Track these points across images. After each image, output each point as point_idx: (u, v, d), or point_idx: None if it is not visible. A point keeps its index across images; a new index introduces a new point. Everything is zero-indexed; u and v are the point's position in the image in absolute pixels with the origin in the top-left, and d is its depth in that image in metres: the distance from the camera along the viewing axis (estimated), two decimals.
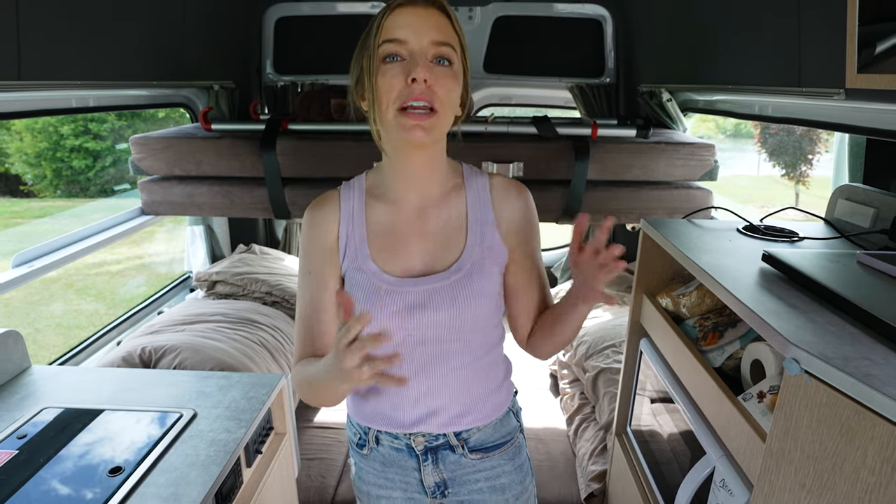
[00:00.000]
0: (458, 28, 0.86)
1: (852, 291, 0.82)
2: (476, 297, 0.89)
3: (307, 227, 0.95)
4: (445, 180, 0.94)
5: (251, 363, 1.77)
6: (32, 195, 8.05)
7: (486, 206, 0.94)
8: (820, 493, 0.69)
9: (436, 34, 0.82)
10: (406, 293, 0.89)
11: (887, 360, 0.67)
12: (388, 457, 1.01)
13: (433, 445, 0.98)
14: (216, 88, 2.21)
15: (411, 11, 0.82)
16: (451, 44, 0.83)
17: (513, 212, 0.95)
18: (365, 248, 0.91)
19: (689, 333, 1.16)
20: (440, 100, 0.81)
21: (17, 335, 1.36)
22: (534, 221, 0.98)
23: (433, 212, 0.93)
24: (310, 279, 0.94)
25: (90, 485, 1.00)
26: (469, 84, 0.91)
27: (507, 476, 1.04)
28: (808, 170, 8.88)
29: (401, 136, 0.83)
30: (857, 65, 1.05)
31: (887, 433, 0.60)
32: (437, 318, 0.89)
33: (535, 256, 0.98)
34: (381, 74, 0.82)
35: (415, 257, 0.91)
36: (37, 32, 1.25)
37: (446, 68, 0.83)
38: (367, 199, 0.95)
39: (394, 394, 0.96)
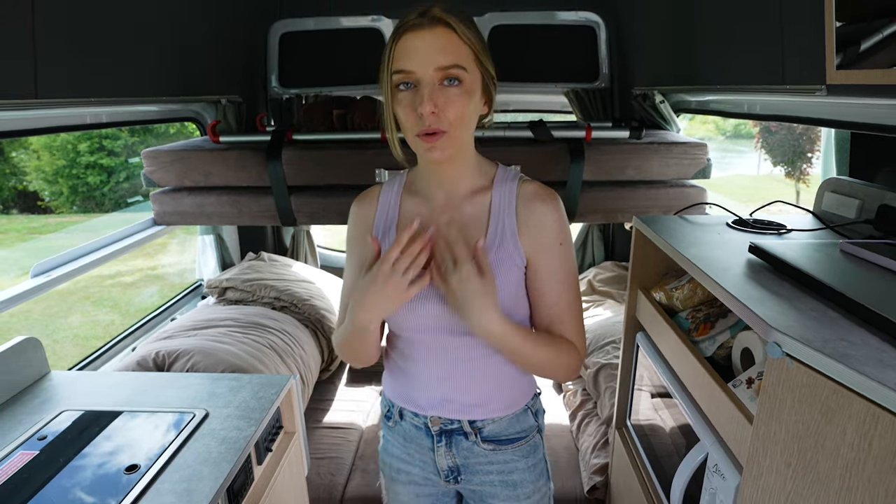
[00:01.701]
0: (469, 38, 0.86)
1: (833, 278, 0.84)
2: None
3: (350, 218, 1.06)
4: (473, 181, 0.97)
5: (261, 365, 1.80)
6: (50, 211, 8.17)
7: (510, 212, 0.93)
8: (804, 471, 0.71)
9: (441, 58, 0.83)
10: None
11: (864, 342, 0.69)
12: (409, 433, 1.07)
13: (448, 429, 1.02)
14: (224, 102, 2.25)
15: (416, 36, 0.83)
16: (459, 62, 0.84)
17: (534, 221, 0.93)
18: (393, 236, 0.98)
19: (682, 325, 1.18)
20: (449, 121, 0.85)
21: (36, 342, 1.39)
22: (556, 235, 0.93)
23: (457, 210, 0.96)
24: (351, 262, 1.04)
25: (107, 482, 1.02)
26: (492, 82, 0.92)
27: (519, 473, 1.04)
28: (807, 168, 8.84)
29: (421, 154, 0.92)
30: (841, 62, 1.06)
31: (864, 410, 0.62)
32: (448, 314, 0.93)
33: (551, 268, 0.94)
34: (397, 103, 0.87)
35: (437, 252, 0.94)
36: (52, 52, 1.29)
37: (456, 88, 0.85)
38: (404, 194, 1.02)
39: (414, 376, 1.01)
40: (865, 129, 1.16)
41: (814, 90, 1.13)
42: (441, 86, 0.84)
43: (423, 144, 0.87)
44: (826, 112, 1.29)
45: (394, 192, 1.02)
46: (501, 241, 0.92)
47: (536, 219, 0.92)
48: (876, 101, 1.12)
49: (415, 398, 1.03)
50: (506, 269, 0.92)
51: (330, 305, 2.51)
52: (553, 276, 0.94)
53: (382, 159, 1.85)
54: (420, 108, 0.83)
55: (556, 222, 0.93)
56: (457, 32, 0.84)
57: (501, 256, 0.92)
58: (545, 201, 0.93)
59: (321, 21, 2.47)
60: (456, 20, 0.85)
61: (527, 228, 0.92)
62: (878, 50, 0.98)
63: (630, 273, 1.40)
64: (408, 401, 1.04)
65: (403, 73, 0.84)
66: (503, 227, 0.93)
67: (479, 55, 0.87)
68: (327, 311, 2.45)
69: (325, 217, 1.94)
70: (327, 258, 3.22)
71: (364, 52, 2.50)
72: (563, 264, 0.94)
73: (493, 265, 0.90)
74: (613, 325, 2.20)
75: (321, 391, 2.38)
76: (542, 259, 0.93)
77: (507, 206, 0.94)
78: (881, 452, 0.60)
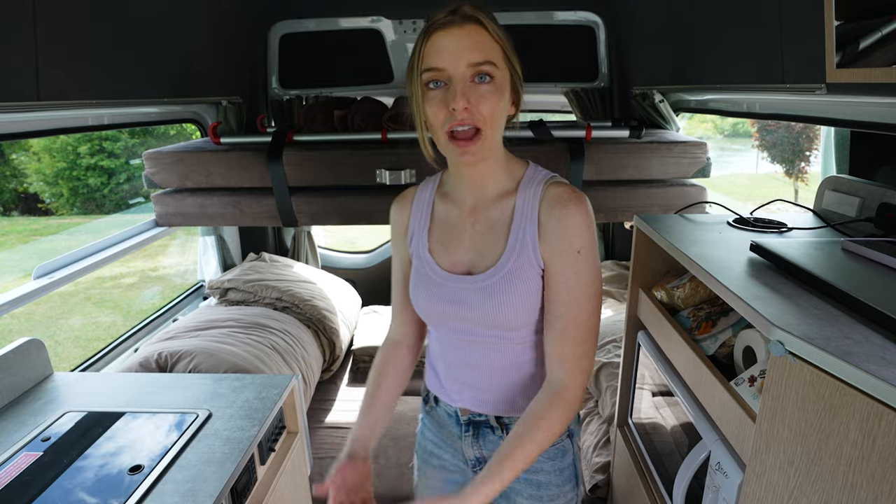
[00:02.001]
0: (499, 35, 0.85)
1: (835, 276, 0.84)
2: (504, 305, 0.91)
3: (391, 218, 1.08)
4: (500, 184, 0.95)
5: (263, 365, 1.80)
6: (51, 213, 8.17)
7: (532, 216, 0.90)
8: (808, 468, 0.71)
9: (472, 55, 0.82)
10: (447, 287, 0.95)
11: (867, 339, 0.69)
12: (442, 419, 1.09)
13: (476, 420, 1.04)
14: (224, 103, 2.25)
15: (447, 34, 0.83)
16: (490, 59, 0.83)
17: (553, 226, 0.88)
18: (424, 238, 1.00)
19: (684, 324, 1.18)
20: (483, 118, 0.84)
21: (39, 343, 1.39)
22: (573, 241, 0.87)
23: (484, 213, 0.96)
24: (396, 259, 1.09)
25: (112, 483, 1.02)
26: (520, 81, 0.91)
27: (545, 475, 1.04)
28: (806, 166, 8.84)
29: (452, 158, 0.90)
30: (841, 61, 1.06)
31: (867, 407, 0.62)
32: (472, 316, 0.94)
33: (563, 277, 0.88)
34: (427, 102, 0.86)
35: (463, 253, 0.96)
36: (55, 55, 1.29)
37: (487, 85, 0.84)
38: (437, 195, 1.02)
39: (446, 368, 1.04)
40: (866, 127, 1.16)
41: (814, 89, 1.13)
42: (472, 83, 0.83)
43: (456, 149, 0.86)
44: (826, 111, 1.29)
45: (427, 194, 1.03)
46: (521, 249, 0.90)
47: (555, 222, 0.88)
48: (876, 100, 1.12)
49: (446, 388, 1.05)
50: (524, 277, 0.90)
51: (331, 305, 2.51)
52: (564, 285, 0.88)
53: (383, 160, 1.85)
54: (453, 104, 0.82)
55: (576, 227, 0.87)
56: (487, 29, 0.84)
57: (521, 264, 0.90)
58: (566, 206, 0.88)
59: (321, 22, 2.47)
60: (486, 17, 0.84)
61: (545, 232, 0.89)
62: (878, 48, 0.97)
63: (631, 272, 1.40)
64: (440, 390, 1.07)
65: (434, 71, 0.83)
66: (524, 232, 0.90)
67: (507, 53, 0.87)
68: (328, 312, 2.45)
69: (326, 217, 1.93)
70: (328, 258, 3.22)
71: (364, 53, 2.51)
72: (578, 275, 0.88)
73: (512, 273, 0.90)
74: (614, 323, 2.19)
75: (323, 391, 2.38)
76: (556, 266, 0.89)
77: (531, 211, 0.91)
78: (885, 449, 0.60)
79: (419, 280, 0.99)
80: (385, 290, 3.14)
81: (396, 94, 2.34)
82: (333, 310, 2.50)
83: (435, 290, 0.96)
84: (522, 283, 0.90)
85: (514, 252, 0.91)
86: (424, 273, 0.98)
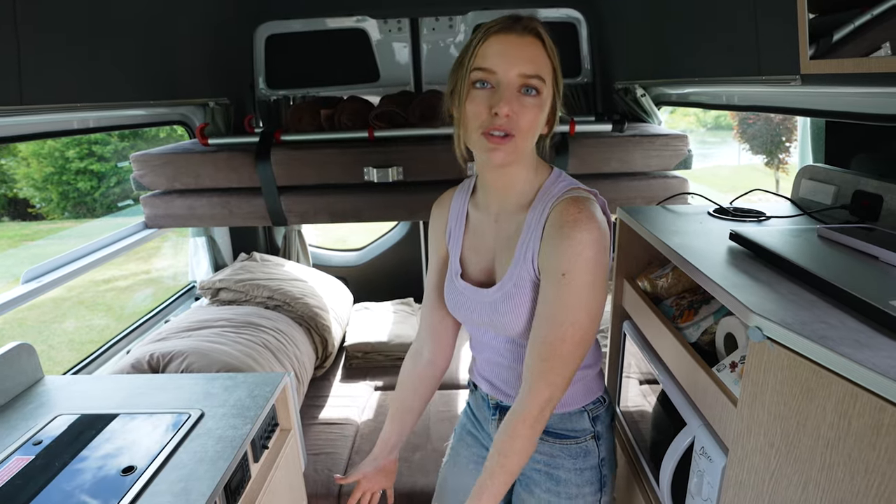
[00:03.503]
0: (552, 52, 0.86)
1: (811, 262, 0.85)
2: (508, 317, 0.94)
3: (432, 218, 1.10)
4: (523, 194, 0.94)
5: (255, 364, 1.78)
6: (41, 217, 8.05)
7: (537, 230, 0.89)
8: (787, 450, 0.71)
9: (525, 66, 0.82)
10: (465, 297, 1.01)
11: (842, 323, 0.69)
12: (477, 403, 1.16)
13: (503, 406, 1.08)
14: (212, 105, 2.23)
15: (505, 40, 0.83)
16: (541, 74, 0.84)
17: (548, 244, 0.86)
18: (459, 244, 1.03)
19: (667, 312, 1.19)
20: (520, 129, 0.84)
21: (29, 348, 1.37)
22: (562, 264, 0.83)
23: (503, 225, 0.97)
24: (432, 262, 1.11)
25: (104, 485, 1.01)
26: (559, 102, 0.91)
27: (564, 471, 1.03)
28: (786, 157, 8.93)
29: (482, 155, 0.88)
30: (815, 53, 1.07)
31: (843, 390, 0.62)
32: (485, 322, 0.99)
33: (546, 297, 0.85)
34: (469, 100, 0.85)
35: (484, 264, 1.00)
36: (37, 58, 1.27)
37: (533, 98, 0.84)
38: (470, 203, 1.04)
39: (477, 358, 1.11)
40: (840, 117, 1.18)
41: (788, 80, 1.14)
42: (518, 93, 0.83)
43: (487, 144, 0.84)
44: (801, 101, 1.30)
45: (462, 199, 1.05)
46: (523, 262, 0.91)
47: (551, 241, 0.86)
48: (849, 90, 1.13)
49: (479, 377, 1.11)
50: (526, 290, 0.91)
51: (323, 303, 2.50)
52: (545, 306, 0.86)
53: (370, 158, 1.84)
54: (497, 108, 0.82)
55: (566, 251, 0.82)
56: (545, 46, 0.84)
57: (525, 276, 0.91)
58: (562, 227, 0.84)
59: (307, 23, 2.45)
60: (546, 34, 0.85)
61: (544, 248, 0.87)
62: (851, 40, 0.98)
63: (615, 263, 1.40)
64: (477, 378, 1.13)
65: (485, 72, 0.83)
66: (527, 247, 0.90)
67: (557, 74, 0.87)
68: (320, 309, 2.44)
69: (315, 216, 1.92)
70: (319, 257, 3.20)
71: (350, 52, 2.49)
72: (558, 297, 0.83)
73: (517, 286, 0.92)
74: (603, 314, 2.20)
75: (316, 388, 2.37)
76: (543, 282, 0.87)
77: (537, 225, 0.89)
78: (860, 430, 0.60)
79: (447, 285, 1.05)
80: (376, 287, 3.13)
81: (382, 92, 2.33)
82: (325, 307, 2.49)
83: (457, 297, 1.02)
84: (525, 296, 0.92)
85: (517, 266, 0.92)
86: (451, 279, 1.04)
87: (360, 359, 2.55)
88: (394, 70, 2.51)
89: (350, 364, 2.56)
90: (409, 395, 1.18)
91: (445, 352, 1.17)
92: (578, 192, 0.90)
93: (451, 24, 2.45)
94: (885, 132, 1.24)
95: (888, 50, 0.89)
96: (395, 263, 3.16)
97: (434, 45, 2.48)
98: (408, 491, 1.76)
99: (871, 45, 0.94)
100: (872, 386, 0.59)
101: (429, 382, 1.18)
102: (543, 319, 0.86)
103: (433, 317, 1.13)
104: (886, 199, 1.06)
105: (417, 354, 1.18)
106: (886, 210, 1.06)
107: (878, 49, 0.92)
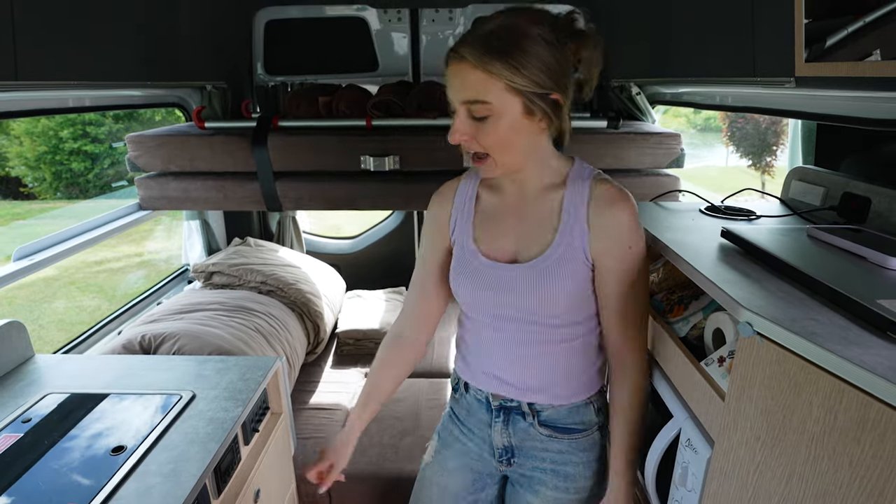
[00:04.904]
0: (495, 69, 0.80)
1: (801, 261, 0.85)
2: (552, 292, 0.92)
3: (428, 208, 1.07)
4: (543, 179, 0.95)
5: (247, 348, 1.77)
6: (33, 197, 7.92)
7: (581, 214, 0.91)
8: (773, 444, 0.72)
9: (463, 94, 0.84)
10: (493, 275, 0.96)
11: (831, 321, 0.70)
12: (472, 406, 1.09)
13: (507, 406, 1.04)
14: (209, 88, 2.19)
15: (449, 71, 0.86)
16: (478, 98, 0.82)
17: (604, 224, 0.91)
18: (469, 228, 1.00)
19: (657, 307, 1.19)
20: (488, 147, 0.87)
21: (20, 325, 1.34)
22: (626, 239, 0.91)
23: (531, 204, 0.96)
24: (426, 252, 1.09)
25: (94, 463, 1.00)
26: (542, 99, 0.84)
27: (573, 466, 1.03)
28: (772, 160, 9.00)
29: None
30: (808, 58, 1.07)
31: (830, 385, 0.62)
32: (516, 302, 0.95)
33: (618, 272, 0.92)
34: None
35: (509, 242, 0.97)
36: (33, 33, 1.23)
37: (482, 121, 0.84)
38: (481, 188, 1.02)
39: (479, 354, 1.06)
40: (831, 120, 1.18)
41: (783, 82, 1.14)
42: (470, 119, 0.85)
43: (474, 166, 0.91)
44: (794, 104, 1.30)
45: (471, 187, 1.03)
46: (570, 240, 0.92)
47: (606, 222, 0.90)
48: (841, 94, 1.13)
49: (478, 375, 1.05)
50: (573, 266, 0.92)
51: (316, 289, 2.48)
52: (619, 280, 0.92)
53: (367, 146, 1.82)
54: (450, 137, 0.87)
55: (626, 225, 0.90)
56: (474, 66, 0.80)
57: (569, 254, 0.92)
58: (614, 204, 0.90)
59: (306, 9, 2.41)
60: (477, 53, 0.80)
61: (596, 231, 0.91)
62: (843, 46, 0.98)
63: None
64: (472, 376, 1.07)
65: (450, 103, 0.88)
66: (572, 226, 0.92)
67: (511, 82, 0.81)
68: (313, 295, 2.42)
69: (310, 202, 1.90)
70: (313, 244, 3.18)
71: (349, 41, 2.45)
72: (629, 268, 0.92)
73: (560, 262, 0.92)
74: None
75: (307, 373, 2.36)
76: (610, 262, 0.92)
77: (580, 205, 0.92)
78: (846, 424, 0.61)
79: (462, 269, 1.00)
80: (368, 275, 3.11)
81: (381, 82, 2.30)
82: (318, 294, 2.47)
83: (479, 278, 0.97)
84: (569, 273, 0.92)
85: (562, 243, 0.92)
86: (468, 262, 0.99)
87: (352, 345, 2.54)
88: (392, 60, 2.48)
89: (341, 350, 2.55)
90: (386, 376, 1.13)
91: (425, 338, 1.14)
92: (604, 176, 0.95)
93: (451, 16, 2.42)
94: (874, 136, 1.24)
95: (878, 57, 0.90)
96: (388, 252, 3.15)
97: (433, 37, 2.45)
98: (395, 476, 1.76)
99: (862, 52, 0.94)
100: (859, 382, 0.59)
101: (407, 366, 1.15)
102: (626, 292, 0.93)
103: (420, 305, 1.11)
104: (874, 202, 1.06)
105: (398, 336, 1.13)
106: (874, 212, 1.06)
107: (870, 56, 0.92)
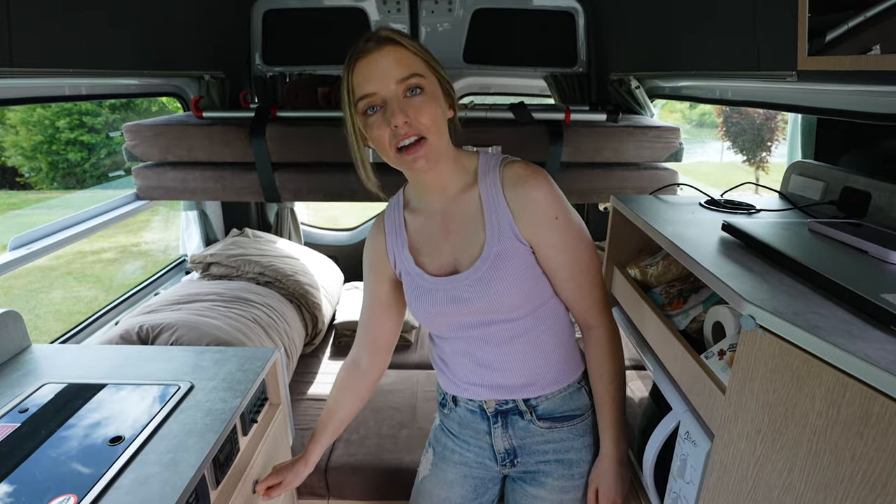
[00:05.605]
0: (416, 49, 0.87)
1: (803, 255, 0.84)
2: (504, 288, 0.92)
3: (365, 245, 1.08)
4: (459, 180, 0.96)
5: (245, 339, 1.76)
6: (30, 187, 7.85)
7: (500, 201, 0.92)
8: (774, 437, 0.71)
9: (398, 72, 0.84)
10: (443, 290, 0.96)
11: (833, 314, 0.69)
12: (464, 418, 1.08)
13: (503, 409, 1.03)
14: (207, 78, 2.16)
15: (370, 60, 0.84)
16: (415, 71, 0.85)
17: (523, 203, 0.91)
18: (407, 253, 1.00)
19: (657, 300, 1.18)
20: (426, 127, 0.85)
21: (16, 315, 1.33)
22: (547, 210, 0.90)
23: (453, 213, 0.96)
24: (368, 285, 1.09)
25: (91, 454, 0.98)
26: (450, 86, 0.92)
27: (575, 452, 1.04)
28: (767, 156, 9.02)
29: (408, 170, 0.92)
30: (808, 52, 1.06)
31: (833, 379, 0.62)
32: (473, 309, 0.94)
33: (557, 246, 0.92)
34: (369, 128, 0.88)
35: (445, 256, 0.97)
36: (29, 20, 1.20)
37: (420, 96, 0.85)
38: (406, 212, 1.02)
39: (461, 368, 1.04)
40: (832, 114, 1.17)
41: (785, 76, 1.13)
42: (406, 98, 0.85)
43: (407, 158, 0.86)
44: (795, 98, 1.29)
45: (396, 215, 1.03)
46: (500, 232, 0.91)
47: (523, 200, 0.90)
48: (843, 88, 1.12)
49: (464, 387, 1.04)
50: (513, 257, 0.91)
51: (314, 281, 2.47)
52: (557, 251, 0.92)
53: None
54: (393, 121, 0.83)
55: (544, 198, 0.90)
56: (405, 46, 0.86)
57: (505, 246, 0.91)
58: (527, 181, 0.90)
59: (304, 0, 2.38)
60: (401, 36, 0.86)
61: (518, 211, 0.91)
62: (843, 40, 0.97)
63: (607, 250, 1.40)
64: (458, 389, 1.06)
65: (368, 97, 0.85)
66: (497, 216, 0.92)
67: (430, 63, 0.88)
68: (311, 287, 2.41)
69: (309, 194, 1.88)
70: (311, 235, 3.16)
71: (348, 31, 2.42)
72: (564, 237, 0.91)
73: (500, 256, 0.91)
74: None
75: (305, 364, 2.35)
76: (542, 238, 0.91)
77: (496, 196, 0.92)
78: (848, 418, 0.60)
79: (415, 293, 1.00)
80: None
81: None
82: (316, 285, 2.46)
83: (432, 296, 0.97)
84: (512, 264, 0.91)
85: (494, 237, 0.91)
86: (417, 284, 0.99)
87: (349, 337, 2.53)
88: None
89: (339, 342, 2.54)
90: (343, 402, 1.17)
91: (381, 365, 1.16)
92: (513, 159, 0.96)
93: (451, 7, 2.39)
94: (874, 130, 1.23)
95: (878, 52, 0.89)
96: None
97: (433, 29, 2.42)
98: (394, 467, 1.76)
99: (863, 46, 0.93)
100: (863, 376, 0.59)
101: (363, 394, 1.17)
102: (569, 261, 0.93)
103: (371, 334, 1.12)
104: (874, 196, 1.05)
105: (354, 365, 1.16)
106: (874, 207, 1.05)
107: (870, 50, 0.91)
